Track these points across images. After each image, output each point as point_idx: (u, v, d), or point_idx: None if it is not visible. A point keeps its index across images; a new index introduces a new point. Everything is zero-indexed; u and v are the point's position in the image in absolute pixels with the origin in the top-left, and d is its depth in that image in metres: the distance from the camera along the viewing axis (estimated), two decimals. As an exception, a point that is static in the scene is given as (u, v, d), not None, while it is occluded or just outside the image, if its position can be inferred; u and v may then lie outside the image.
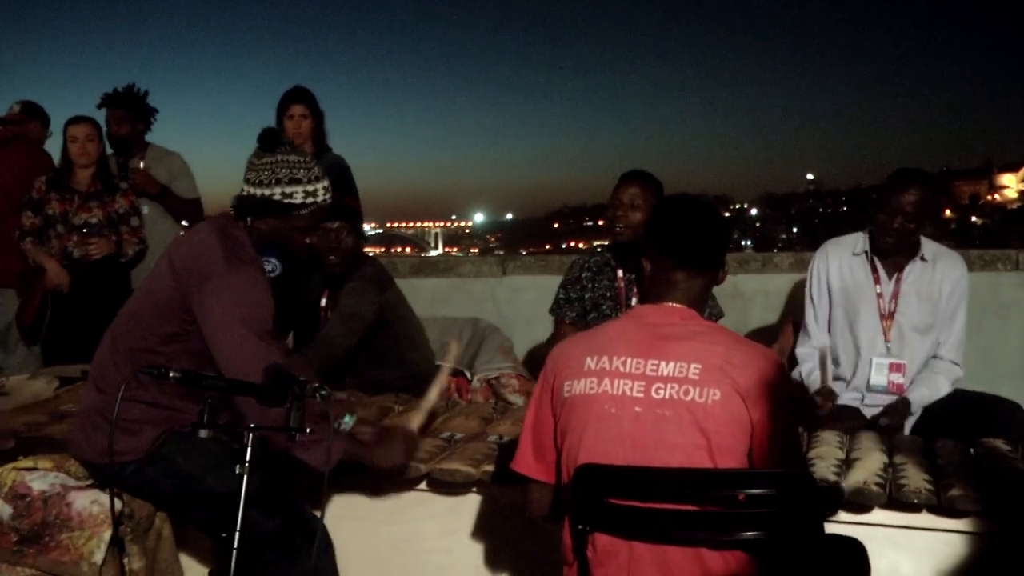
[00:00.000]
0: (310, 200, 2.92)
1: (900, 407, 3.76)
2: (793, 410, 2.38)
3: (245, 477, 2.05)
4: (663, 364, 2.28)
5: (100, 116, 5.36)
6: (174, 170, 5.55)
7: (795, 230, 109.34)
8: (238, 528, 2.05)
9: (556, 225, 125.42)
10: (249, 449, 2.05)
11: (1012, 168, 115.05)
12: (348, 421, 3.05)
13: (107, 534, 2.65)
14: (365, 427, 3.00)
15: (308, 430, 2.10)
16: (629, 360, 2.31)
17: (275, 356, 2.68)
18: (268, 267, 4.23)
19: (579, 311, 4.15)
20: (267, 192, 2.86)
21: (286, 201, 2.88)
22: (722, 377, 2.25)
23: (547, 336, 5.35)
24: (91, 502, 2.69)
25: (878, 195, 3.97)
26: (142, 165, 5.46)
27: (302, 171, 2.91)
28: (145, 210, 5.35)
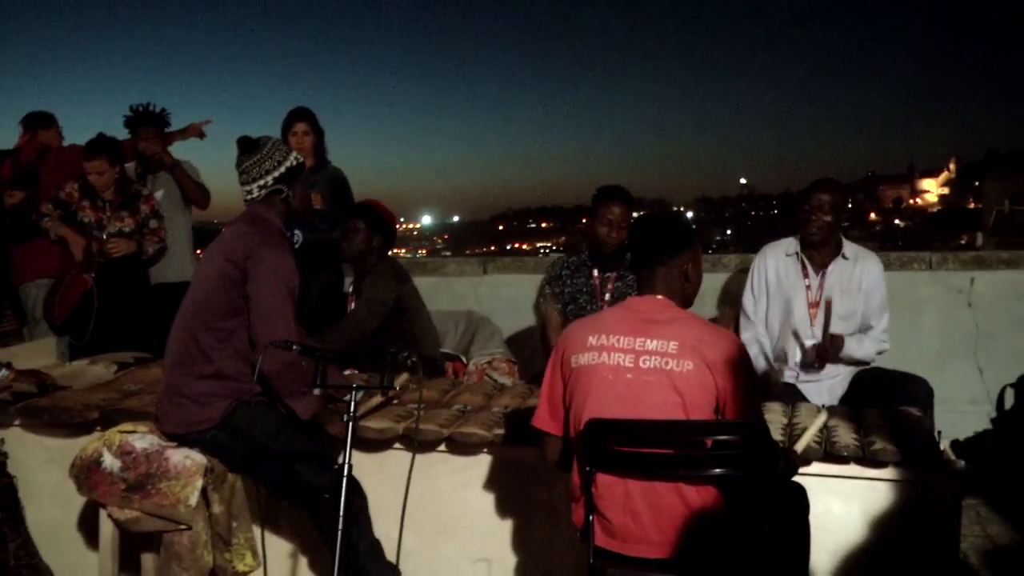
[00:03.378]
0: (302, 159, 3.65)
1: (836, 340, 4.44)
2: (750, 378, 3.00)
3: (351, 424, 2.62)
4: (648, 341, 2.90)
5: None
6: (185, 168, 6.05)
7: (729, 232, 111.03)
8: (347, 461, 2.61)
9: (501, 227, 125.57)
10: (353, 403, 2.62)
11: (932, 173, 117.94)
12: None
13: (199, 483, 3.19)
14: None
15: (397, 387, 2.70)
16: (622, 338, 2.93)
17: (292, 312, 3.35)
18: (294, 239, 4.84)
19: (561, 303, 4.79)
20: (289, 163, 3.55)
21: (299, 162, 3.60)
22: (694, 352, 2.86)
23: (524, 327, 5.99)
24: (184, 457, 3.23)
25: (800, 198, 4.77)
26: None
27: (285, 145, 3.63)
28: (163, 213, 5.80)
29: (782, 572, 2.96)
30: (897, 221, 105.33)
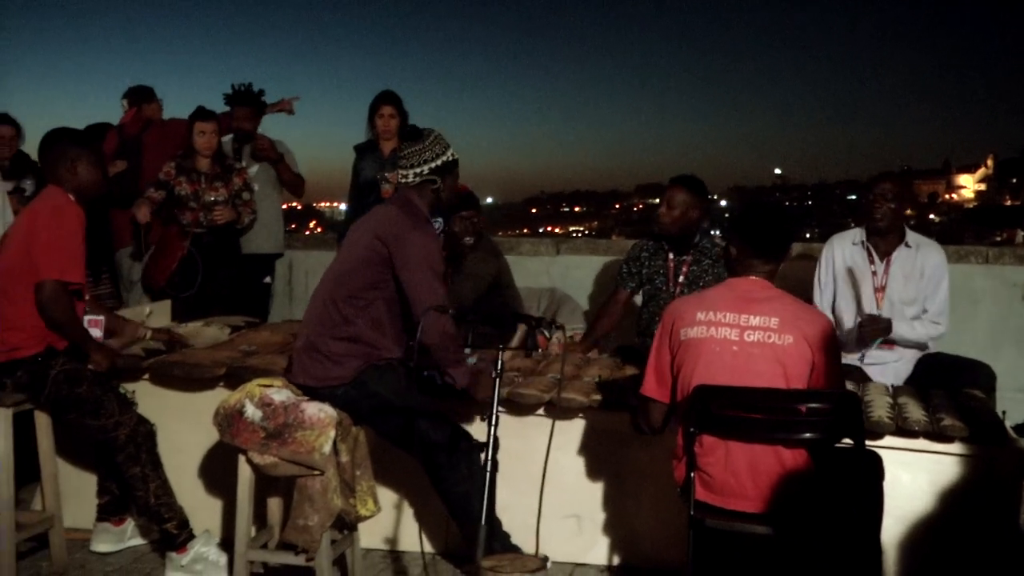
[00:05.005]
0: (457, 156, 3.90)
1: (881, 321, 4.70)
2: (838, 353, 3.29)
3: (498, 380, 2.91)
4: (752, 317, 3.20)
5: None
6: (282, 150, 6.35)
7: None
8: (495, 412, 2.90)
9: (534, 210, 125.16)
10: (500, 362, 2.92)
11: (969, 169, 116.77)
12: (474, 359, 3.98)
13: (332, 433, 3.48)
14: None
15: (540, 348, 2.95)
16: (728, 314, 3.22)
17: (444, 290, 3.64)
18: (437, 226, 5.14)
19: (636, 283, 5.08)
20: (446, 158, 3.82)
21: (455, 158, 3.86)
22: (794, 327, 3.16)
23: (596, 306, 6.26)
24: (318, 410, 3.53)
25: (865, 190, 5.12)
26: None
27: (445, 140, 3.88)
28: (255, 186, 6.13)
29: (857, 532, 3.24)
30: (932, 216, 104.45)
